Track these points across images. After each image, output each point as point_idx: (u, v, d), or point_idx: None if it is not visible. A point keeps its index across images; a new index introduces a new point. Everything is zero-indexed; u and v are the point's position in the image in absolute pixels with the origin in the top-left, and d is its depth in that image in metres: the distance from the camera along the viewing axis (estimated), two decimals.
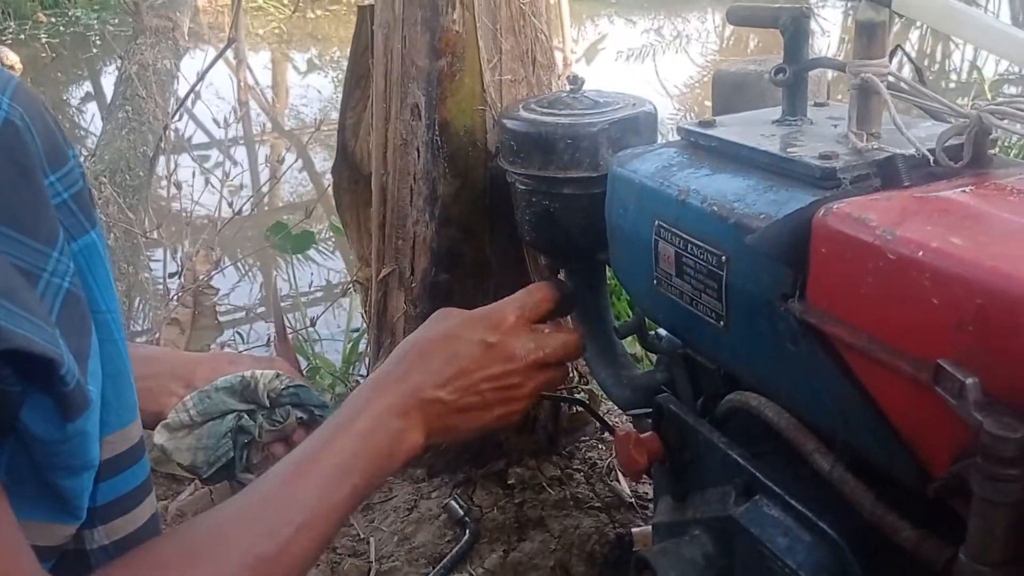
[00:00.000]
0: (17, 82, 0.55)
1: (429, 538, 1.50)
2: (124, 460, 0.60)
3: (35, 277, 0.52)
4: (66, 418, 0.51)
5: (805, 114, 1.04)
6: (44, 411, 0.51)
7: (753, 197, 0.91)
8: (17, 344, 0.47)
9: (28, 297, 0.50)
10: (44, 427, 0.51)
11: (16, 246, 0.51)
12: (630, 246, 1.10)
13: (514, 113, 1.28)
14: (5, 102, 0.53)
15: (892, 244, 0.71)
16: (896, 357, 0.71)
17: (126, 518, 0.60)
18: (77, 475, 0.54)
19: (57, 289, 0.53)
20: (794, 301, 0.81)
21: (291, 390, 0.94)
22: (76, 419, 0.52)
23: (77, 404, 0.51)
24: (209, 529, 0.63)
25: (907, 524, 0.75)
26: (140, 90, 3.22)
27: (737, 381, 1.06)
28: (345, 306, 2.98)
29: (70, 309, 0.53)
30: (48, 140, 0.55)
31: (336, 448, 0.73)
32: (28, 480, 0.53)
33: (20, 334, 0.48)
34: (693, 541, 0.99)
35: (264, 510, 0.65)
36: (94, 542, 0.59)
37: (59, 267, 0.53)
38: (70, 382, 0.50)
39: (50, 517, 0.54)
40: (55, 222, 0.54)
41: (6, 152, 0.52)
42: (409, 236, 1.55)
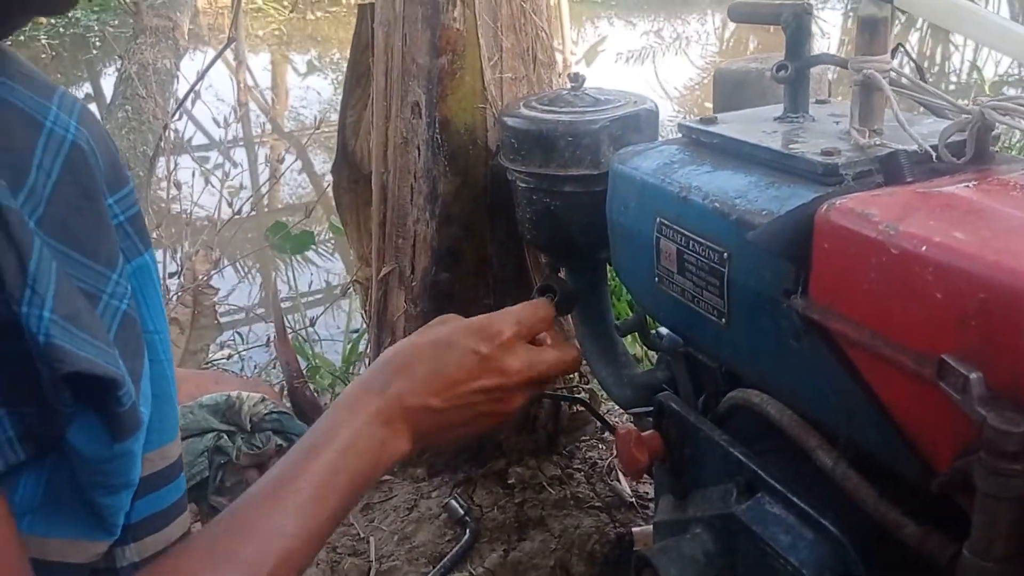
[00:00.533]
0: (82, 105, 0.57)
1: (429, 537, 1.50)
2: (161, 478, 0.60)
3: (95, 299, 0.53)
4: (116, 438, 0.51)
5: (807, 111, 1.04)
6: (93, 430, 0.51)
7: (755, 194, 0.91)
8: (81, 367, 0.48)
9: (91, 320, 0.51)
10: (92, 446, 0.52)
11: (80, 268, 0.52)
12: (631, 243, 1.10)
13: (515, 111, 1.28)
14: (72, 125, 0.54)
15: (895, 239, 0.70)
16: (899, 352, 0.71)
17: (156, 537, 0.60)
18: (117, 493, 0.54)
19: (115, 311, 0.53)
20: (796, 297, 0.81)
21: (274, 416, 0.93)
22: (126, 439, 0.52)
23: (129, 425, 0.52)
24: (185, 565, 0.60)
25: (910, 520, 0.75)
26: (140, 90, 3.22)
27: (739, 378, 1.06)
28: (345, 307, 2.97)
29: (126, 331, 0.54)
30: (109, 163, 0.57)
31: (316, 468, 0.70)
32: (66, 496, 0.53)
33: (84, 357, 0.49)
34: (694, 539, 0.99)
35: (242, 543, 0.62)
36: (125, 559, 0.59)
37: (118, 289, 0.54)
38: (126, 403, 0.51)
39: (84, 535, 0.54)
40: (116, 245, 0.55)
41: (73, 175, 0.53)
42: (409, 235, 1.55)
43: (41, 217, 0.50)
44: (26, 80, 0.54)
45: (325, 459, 0.71)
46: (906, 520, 0.75)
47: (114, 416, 0.51)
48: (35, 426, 0.49)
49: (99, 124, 0.57)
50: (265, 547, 0.62)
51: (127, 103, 3.32)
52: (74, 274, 0.51)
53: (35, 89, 0.54)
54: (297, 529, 0.64)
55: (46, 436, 0.50)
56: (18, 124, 0.51)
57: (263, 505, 0.65)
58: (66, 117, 0.54)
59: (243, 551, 0.61)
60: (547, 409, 1.68)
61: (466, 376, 0.81)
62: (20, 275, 0.47)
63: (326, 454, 0.71)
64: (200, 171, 3.15)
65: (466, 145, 1.48)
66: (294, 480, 0.68)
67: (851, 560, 0.81)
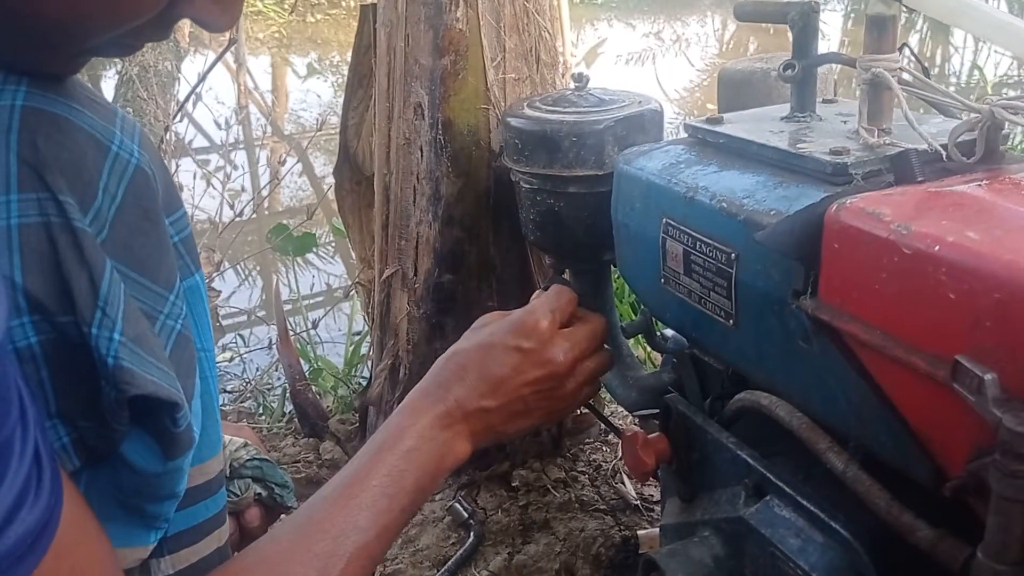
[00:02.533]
0: (141, 129, 0.58)
1: (433, 541, 1.49)
2: (199, 493, 0.60)
3: (153, 319, 0.53)
4: (168, 456, 0.52)
5: (814, 110, 1.03)
6: (146, 447, 0.52)
7: (763, 193, 0.90)
8: (147, 390, 0.49)
9: (154, 342, 0.52)
10: (145, 462, 0.52)
11: (141, 290, 0.53)
12: (637, 245, 1.09)
13: (518, 111, 1.27)
14: (136, 149, 0.55)
15: (907, 239, 0.70)
16: (912, 354, 0.70)
17: (191, 549, 0.61)
18: (161, 503, 0.55)
19: (171, 331, 0.54)
20: (806, 298, 0.80)
21: (255, 463, 0.90)
22: (178, 457, 0.52)
23: (183, 444, 0.53)
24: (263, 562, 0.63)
25: (923, 523, 0.74)
26: (141, 92, 3.22)
27: (746, 381, 1.05)
28: (346, 310, 2.97)
29: (180, 350, 0.55)
30: (166, 185, 0.58)
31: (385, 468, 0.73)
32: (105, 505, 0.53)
33: (151, 380, 0.49)
34: (702, 542, 0.98)
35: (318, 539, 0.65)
36: (159, 572, 0.59)
37: (174, 310, 0.55)
38: (182, 424, 0.52)
39: (124, 542, 0.54)
40: (173, 266, 0.55)
41: (136, 198, 0.53)
42: (412, 236, 1.54)
43: (106, 239, 0.51)
44: (91, 105, 0.55)
45: (392, 461, 0.74)
46: (919, 523, 0.74)
47: (169, 435, 0.52)
48: (90, 439, 0.50)
49: (155, 147, 0.58)
50: (340, 542, 0.64)
51: (128, 105, 3.32)
52: (135, 295, 0.52)
53: (99, 113, 0.55)
54: (369, 524, 0.67)
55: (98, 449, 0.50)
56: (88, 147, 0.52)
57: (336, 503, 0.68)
58: (129, 141, 0.55)
59: (317, 547, 0.63)
60: None
61: (513, 372, 0.85)
62: (92, 296, 0.48)
63: (392, 457, 0.75)
64: (201, 174, 3.14)
65: (469, 146, 1.47)
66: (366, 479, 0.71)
67: (862, 564, 0.80)
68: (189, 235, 0.60)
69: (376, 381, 1.64)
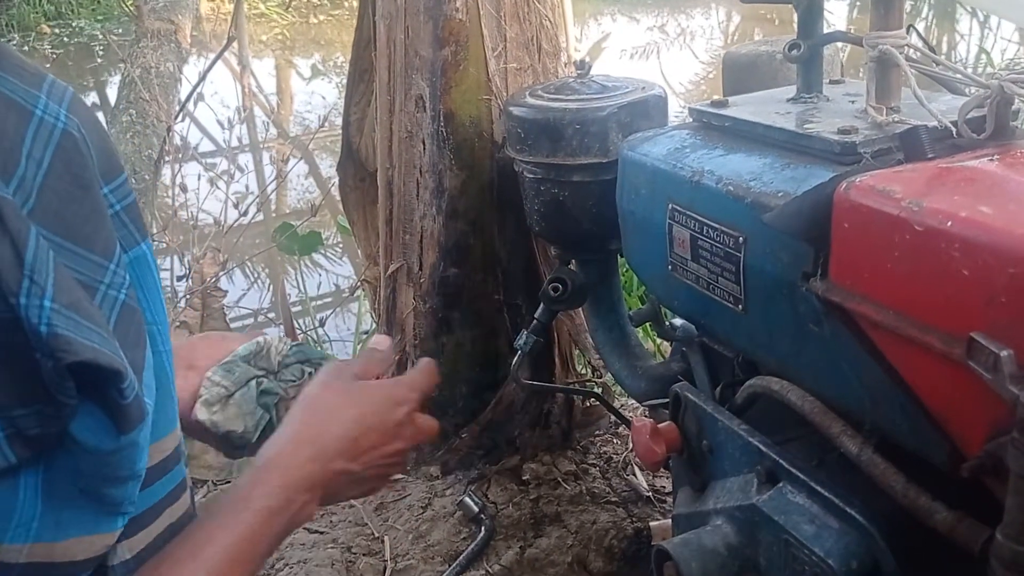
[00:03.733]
0: (72, 93, 0.55)
1: (444, 536, 1.48)
2: (156, 472, 0.59)
3: (92, 290, 0.51)
4: (121, 430, 0.50)
5: (821, 91, 1.02)
6: (97, 423, 0.50)
7: (770, 175, 0.89)
8: (85, 357, 0.47)
9: (92, 310, 0.50)
10: (97, 439, 0.50)
11: (75, 259, 0.50)
12: (643, 232, 1.08)
13: (520, 100, 1.26)
14: (62, 113, 0.53)
15: (919, 216, 0.68)
16: (926, 333, 0.68)
17: (147, 531, 0.59)
18: (124, 484, 0.53)
19: (114, 301, 0.52)
20: (816, 280, 0.79)
21: (295, 349, 0.97)
22: (131, 431, 0.51)
23: (134, 416, 0.51)
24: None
25: (941, 506, 0.72)
26: (143, 93, 3.22)
27: (756, 367, 1.04)
28: (354, 310, 2.96)
29: (126, 321, 0.53)
30: (102, 151, 0.55)
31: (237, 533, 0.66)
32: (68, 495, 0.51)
33: (88, 346, 0.47)
34: (715, 531, 0.96)
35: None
36: (116, 557, 0.57)
37: (115, 279, 0.52)
38: (129, 395, 0.50)
39: (89, 529, 0.53)
40: (112, 234, 0.53)
41: (64, 164, 0.51)
42: (416, 231, 1.53)
43: (33, 207, 0.49)
44: (16, 70, 0.52)
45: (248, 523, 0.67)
46: (937, 505, 0.72)
47: (118, 408, 0.49)
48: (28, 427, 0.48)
49: (91, 112, 0.56)
50: None
51: (131, 107, 3.31)
52: (70, 265, 0.50)
53: (24, 79, 0.52)
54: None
55: (40, 437, 0.48)
56: (6, 113, 0.50)
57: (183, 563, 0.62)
58: (56, 106, 0.53)
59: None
60: (560, 404, 1.66)
61: (381, 442, 0.82)
62: (16, 266, 0.46)
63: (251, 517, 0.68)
64: (205, 171, 3.14)
65: (472, 138, 1.46)
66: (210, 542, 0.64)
67: (878, 549, 0.79)
68: (132, 203, 0.57)
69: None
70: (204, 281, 2.15)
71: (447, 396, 1.60)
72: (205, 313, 2.11)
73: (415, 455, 1.64)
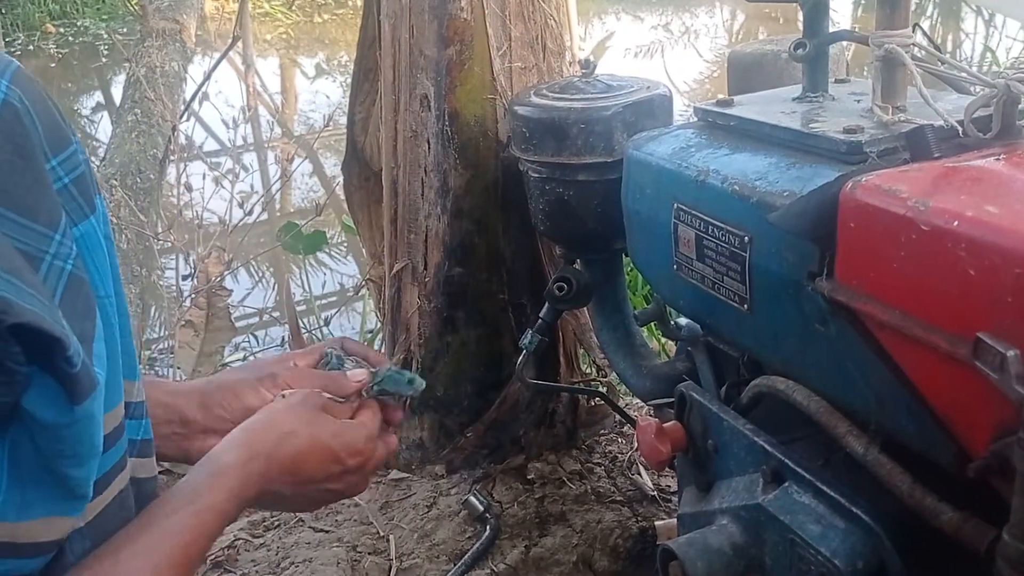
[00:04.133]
0: (17, 66, 0.55)
1: (449, 535, 1.48)
2: (108, 440, 0.58)
3: (37, 260, 0.51)
4: (74, 400, 0.50)
5: (826, 90, 1.02)
6: (50, 394, 0.50)
7: (776, 175, 0.88)
8: (27, 319, 0.46)
9: (33, 279, 0.49)
10: (51, 411, 0.50)
11: (17, 229, 0.50)
12: (648, 231, 1.08)
13: (525, 99, 1.26)
14: (3, 84, 0.52)
15: (925, 215, 0.68)
16: (932, 333, 0.68)
17: (100, 498, 0.59)
18: (84, 463, 0.53)
19: (60, 272, 0.52)
20: (822, 279, 0.79)
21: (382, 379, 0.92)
22: (83, 401, 0.50)
23: (84, 386, 0.50)
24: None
25: (947, 506, 0.72)
26: (149, 92, 3.22)
27: (761, 367, 1.04)
28: (358, 310, 2.96)
29: (74, 292, 0.52)
30: (49, 124, 0.55)
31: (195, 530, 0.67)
32: (32, 476, 0.51)
33: (29, 310, 0.47)
34: (720, 531, 0.96)
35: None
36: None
37: (61, 250, 0.52)
38: (76, 363, 0.49)
39: (53, 510, 0.53)
40: (57, 204, 0.53)
41: (5, 134, 0.51)
42: (421, 230, 1.53)
43: None
44: None
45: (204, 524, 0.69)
46: (943, 506, 0.72)
47: (67, 378, 0.49)
48: None
49: (36, 84, 0.55)
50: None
51: (136, 106, 3.32)
52: (12, 235, 0.49)
53: None
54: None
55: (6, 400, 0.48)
56: None
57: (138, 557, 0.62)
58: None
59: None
60: (565, 404, 1.66)
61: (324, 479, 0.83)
62: None
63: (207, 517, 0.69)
64: (210, 170, 3.15)
65: (476, 137, 1.46)
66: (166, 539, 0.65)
67: (884, 549, 0.78)
68: (81, 175, 0.57)
69: None
70: (209, 280, 2.15)
71: (452, 395, 1.60)
72: (210, 312, 2.12)
73: (420, 454, 1.65)
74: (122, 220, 2.72)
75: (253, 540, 1.55)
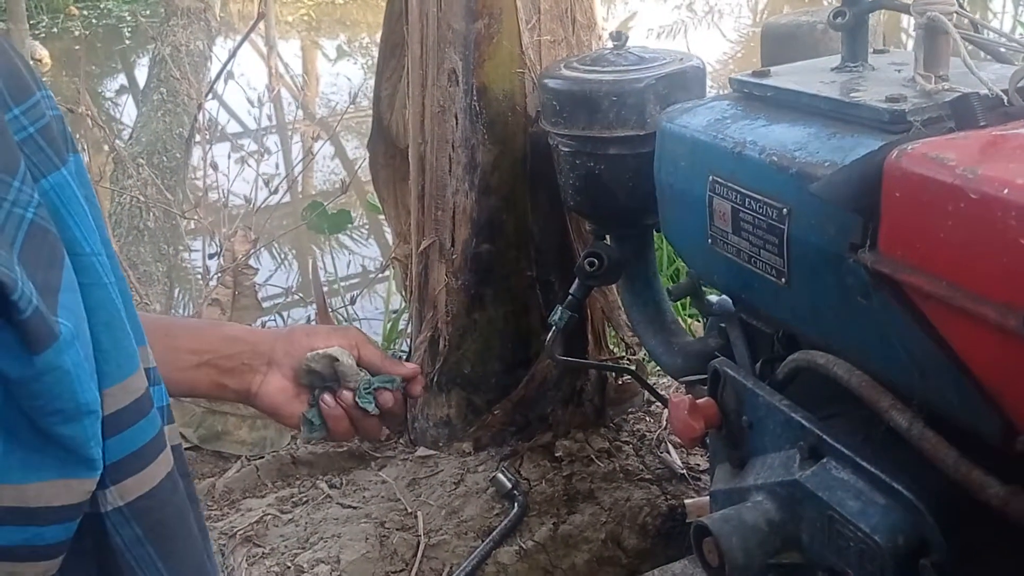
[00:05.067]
0: None
1: (477, 511, 1.48)
2: (128, 415, 0.56)
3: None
4: (33, 349, 0.48)
5: (866, 60, 0.99)
6: (9, 345, 0.48)
7: (816, 145, 0.87)
8: None
9: None
10: (14, 364, 0.48)
11: None
12: (682, 205, 1.06)
13: (556, 72, 1.24)
14: None
15: (975, 183, 0.66)
16: (980, 304, 0.66)
17: (137, 478, 0.57)
18: (75, 421, 0.50)
19: (20, 220, 0.49)
20: (864, 251, 0.77)
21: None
22: (43, 351, 0.48)
23: (40, 334, 0.48)
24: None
25: (995, 480, 0.71)
26: (174, 71, 3.23)
27: (797, 342, 1.02)
28: (382, 292, 2.96)
29: (36, 241, 0.50)
30: (9, 73, 0.52)
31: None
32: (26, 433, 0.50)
33: None
34: (755, 507, 0.95)
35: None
36: (108, 504, 0.55)
37: (21, 197, 0.50)
38: (24, 308, 0.47)
39: (62, 472, 0.51)
40: (14, 151, 0.51)
41: None
42: (449, 206, 1.52)
43: None
44: None
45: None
46: (991, 480, 0.71)
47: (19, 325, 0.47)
48: None
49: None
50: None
51: (162, 85, 3.32)
52: None
53: None
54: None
55: None
56: None
57: None
58: None
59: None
60: (593, 382, 1.65)
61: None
62: None
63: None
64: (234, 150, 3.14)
65: (505, 112, 1.44)
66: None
67: (926, 525, 0.77)
68: (47, 126, 0.54)
69: (415, 354, 1.62)
70: (235, 259, 2.15)
71: (479, 373, 1.60)
72: (236, 291, 2.12)
73: (448, 432, 1.64)
74: (149, 198, 2.73)
75: (281, 516, 1.55)
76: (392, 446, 1.71)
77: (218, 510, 1.58)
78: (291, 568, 1.41)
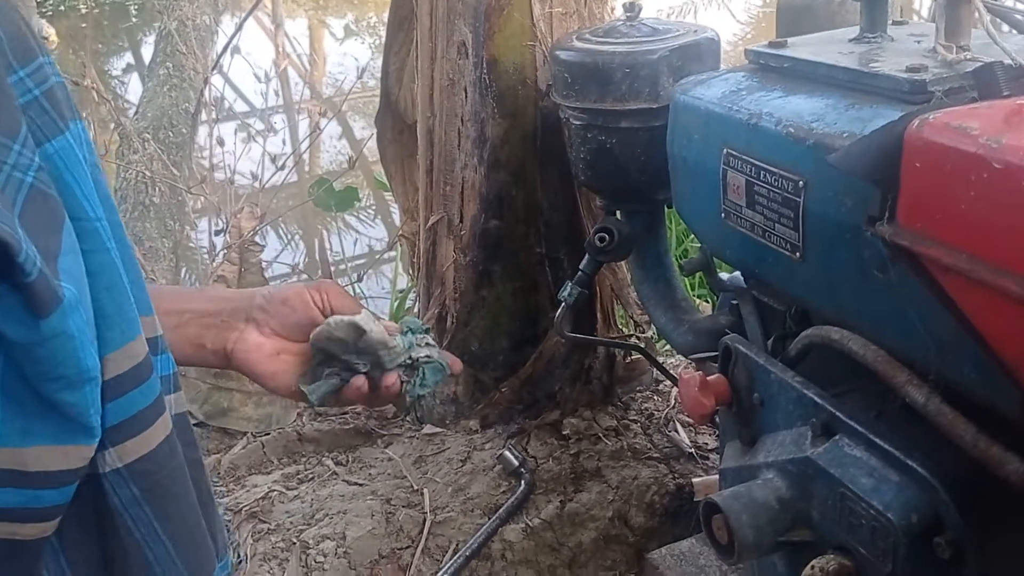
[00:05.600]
0: None
1: (483, 489, 1.47)
2: (129, 379, 0.56)
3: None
4: (38, 313, 0.47)
5: (885, 31, 0.97)
6: (14, 309, 0.47)
7: (833, 116, 0.85)
8: None
9: None
10: (16, 327, 0.47)
11: None
12: (695, 178, 1.04)
13: (568, 44, 1.23)
14: None
15: (998, 153, 0.65)
16: (1001, 276, 0.65)
17: (136, 440, 0.57)
18: (76, 388, 0.50)
19: (19, 183, 0.49)
20: (883, 223, 0.75)
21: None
22: (48, 315, 0.48)
23: (45, 297, 0.47)
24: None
25: (1013, 456, 0.69)
26: (180, 46, 3.21)
27: (809, 319, 1.01)
28: (388, 272, 2.96)
29: (37, 205, 0.49)
30: (15, 36, 0.51)
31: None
32: (25, 398, 0.49)
33: None
34: (766, 485, 0.94)
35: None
36: (106, 465, 0.55)
37: (21, 160, 0.49)
38: (31, 271, 0.46)
39: (60, 439, 0.51)
40: (16, 114, 0.50)
41: None
42: (457, 181, 1.51)
43: None
44: None
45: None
46: (1009, 456, 0.69)
47: (25, 288, 0.46)
48: None
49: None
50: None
51: (168, 60, 3.31)
52: None
53: None
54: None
55: None
56: None
57: None
58: None
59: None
60: (602, 360, 1.64)
61: None
62: None
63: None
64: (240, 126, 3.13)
65: (515, 85, 1.42)
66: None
67: (941, 502, 0.76)
68: (51, 90, 0.53)
69: None
70: (241, 235, 2.14)
71: (487, 350, 1.59)
72: (243, 267, 2.11)
73: (455, 409, 1.64)
74: (155, 173, 2.72)
75: (287, 492, 1.55)
76: (399, 423, 1.70)
77: (224, 486, 1.58)
78: (296, 544, 1.41)
